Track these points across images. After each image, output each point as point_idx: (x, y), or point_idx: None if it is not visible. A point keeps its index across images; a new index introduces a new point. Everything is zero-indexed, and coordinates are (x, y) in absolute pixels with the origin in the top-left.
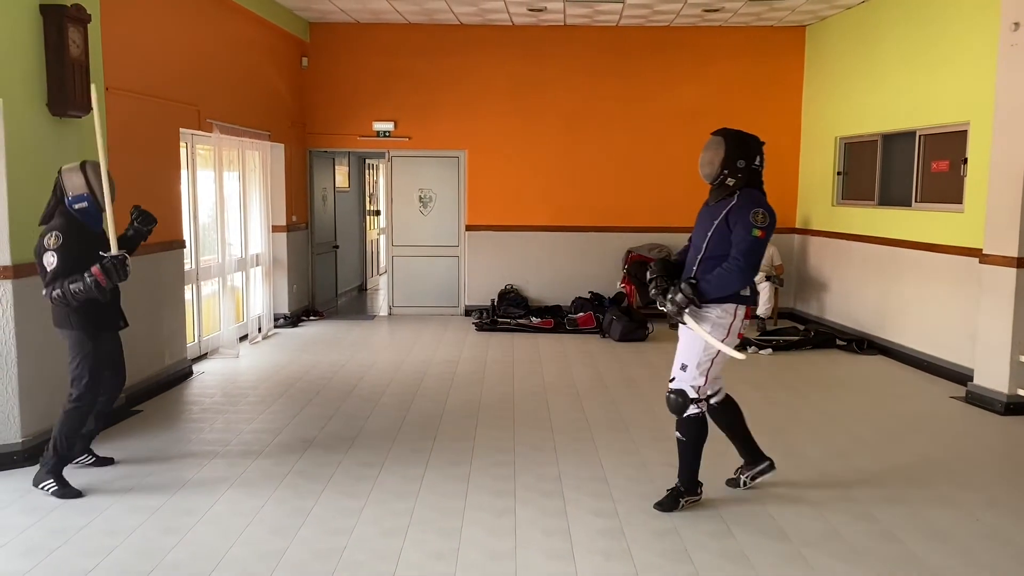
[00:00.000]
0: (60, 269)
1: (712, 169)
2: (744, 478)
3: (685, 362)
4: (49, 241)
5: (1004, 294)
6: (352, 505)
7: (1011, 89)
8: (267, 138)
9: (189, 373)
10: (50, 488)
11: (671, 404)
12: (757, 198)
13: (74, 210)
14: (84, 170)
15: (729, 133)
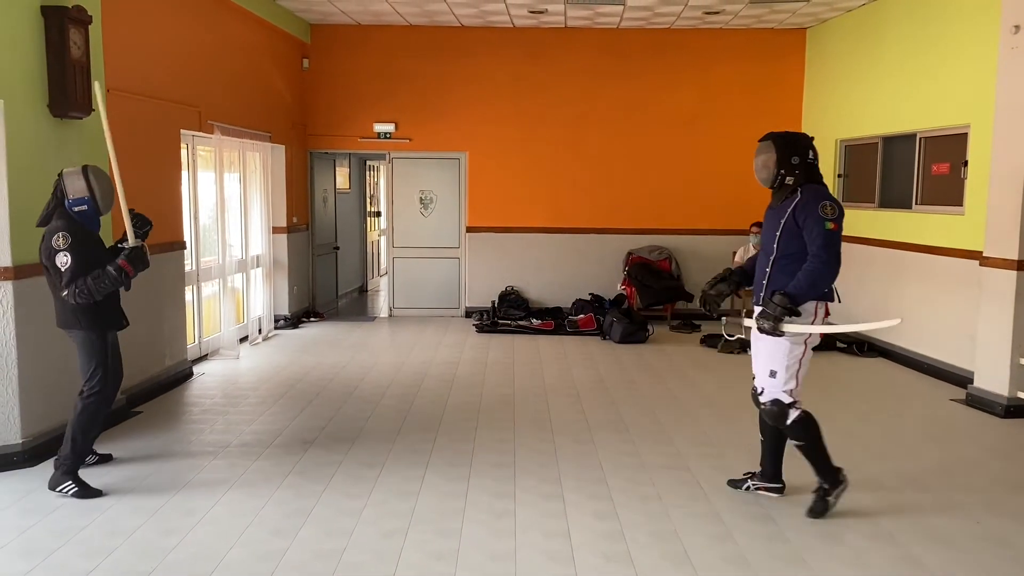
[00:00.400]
0: (77, 267)
1: (768, 173)
2: (751, 484)
3: (773, 368)
4: (58, 242)
5: (1004, 297)
6: (352, 506)
7: (1011, 92)
8: (268, 139)
9: (189, 374)
10: (69, 490)
11: (770, 415)
12: (820, 191)
13: (73, 212)
14: (86, 174)
15: (776, 135)
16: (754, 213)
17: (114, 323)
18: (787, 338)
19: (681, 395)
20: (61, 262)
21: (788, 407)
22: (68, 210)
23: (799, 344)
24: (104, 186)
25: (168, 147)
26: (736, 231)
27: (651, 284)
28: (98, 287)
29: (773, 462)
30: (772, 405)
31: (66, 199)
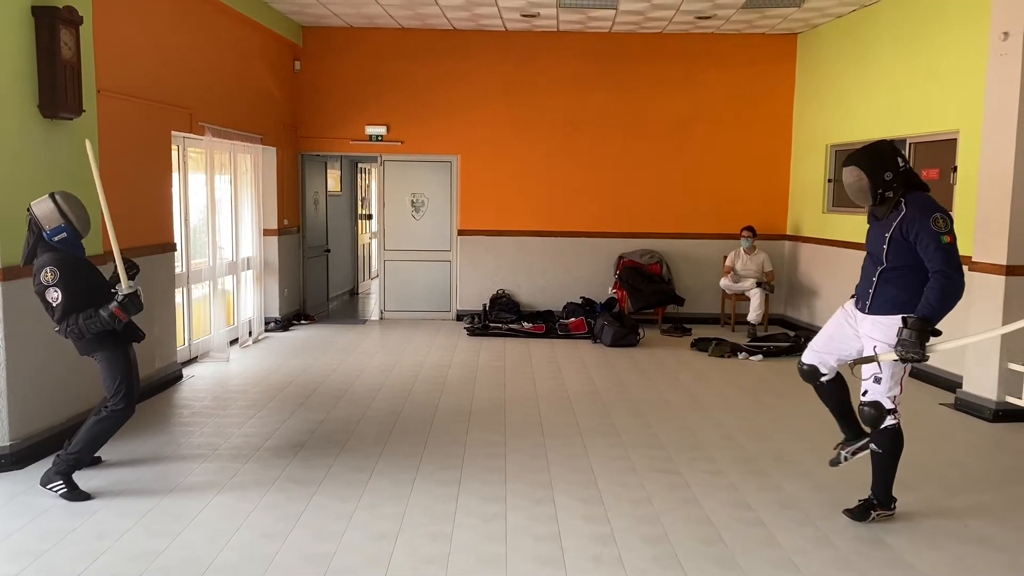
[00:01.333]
0: (67, 303)
1: (865, 195)
2: (844, 453)
3: (879, 375)
4: (47, 277)
5: (993, 302)
6: (343, 509)
7: (1000, 98)
8: (259, 141)
9: (179, 377)
10: (59, 489)
11: (866, 417)
12: (926, 202)
13: (54, 242)
14: (55, 200)
15: (860, 156)
16: (744, 217)
17: (132, 336)
18: (891, 346)
19: (671, 399)
20: (52, 298)
21: (888, 412)
22: (48, 241)
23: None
24: (76, 209)
25: (159, 148)
26: (727, 235)
27: (642, 288)
28: (89, 328)
29: (850, 422)
30: (872, 408)
31: (44, 231)
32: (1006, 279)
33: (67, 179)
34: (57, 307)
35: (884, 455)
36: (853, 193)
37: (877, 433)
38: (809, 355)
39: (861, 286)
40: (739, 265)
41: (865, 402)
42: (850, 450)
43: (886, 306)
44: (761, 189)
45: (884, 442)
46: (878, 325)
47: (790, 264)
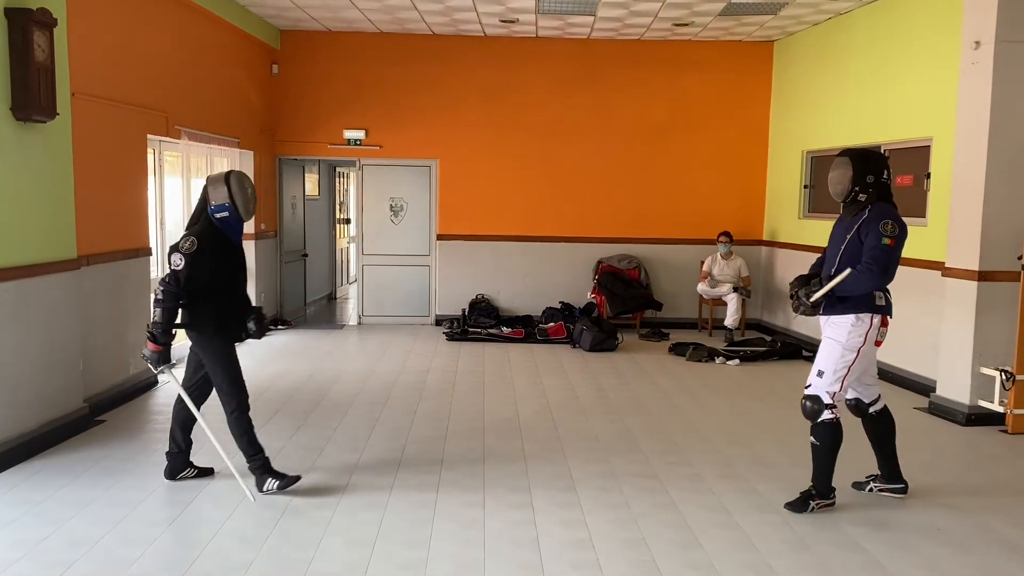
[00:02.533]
0: (184, 272)
1: (842, 188)
2: (873, 485)
3: (822, 368)
4: (184, 244)
5: (965, 307)
6: (320, 515)
7: (972, 106)
8: (236, 145)
9: (155, 382)
10: (276, 486)
11: (805, 410)
12: (888, 211)
13: (215, 219)
14: (228, 181)
15: (854, 153)
16: (721, 223)
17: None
18: (840, 344)
19: (650, 403)
20: (174, 261)
21: (824, 407)
22: (211, 216)
23: (852, 351)
24: (245, 193)
25: (134, 152)
26: (704, 241)
27: (620, 293)
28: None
29: (888, 464)
30: (810, 401)
31: (209, 205)
32: (978, 284)
33: (40, 182)
34: (173, 271)
35: (821, 448)
36: (834, 183)
37: (815, 426)
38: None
39: None
40: (716, 270)
41: (805, 395)
42: (880, 487)
43: (841, 306)
44: (738, 195)
45: (821, 435)
46: (832, 325)
47: (766, 269)
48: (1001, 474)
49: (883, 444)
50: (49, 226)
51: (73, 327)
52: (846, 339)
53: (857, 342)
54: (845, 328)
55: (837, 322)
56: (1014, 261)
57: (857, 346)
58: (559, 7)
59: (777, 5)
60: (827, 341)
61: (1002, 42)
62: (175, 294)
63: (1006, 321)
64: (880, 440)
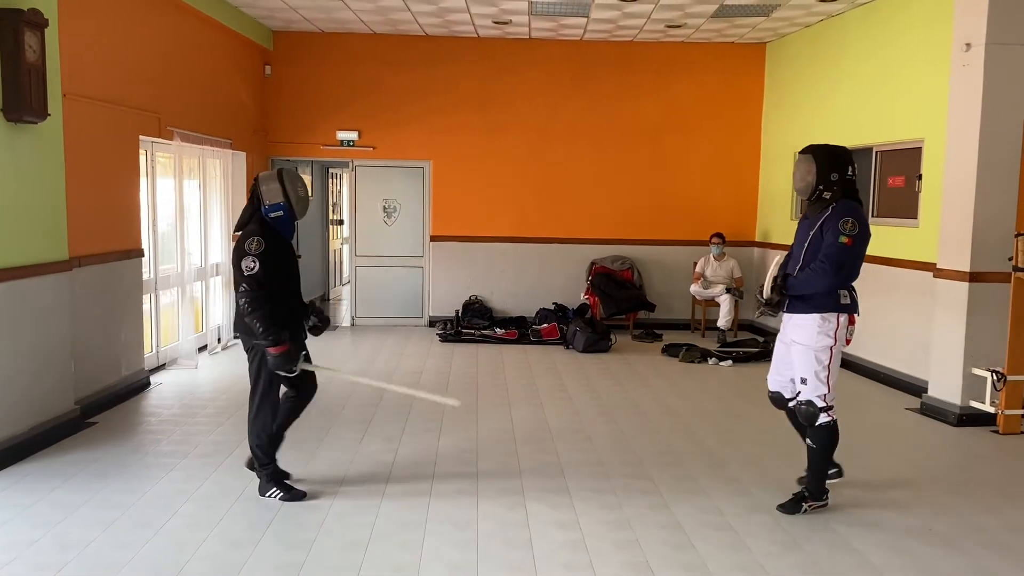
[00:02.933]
0: (262, 275)
1: (806, 185)
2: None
3: (804, 376)
4: (251, 246)
5: (957, 308)
6: (312, 518)
7: (963, 107)
8: (229, 146)
9: (146, 384)
10: (275, 495)
11: (803, 414)
12: (851, 208)
13: (269, 218)
14: (281, 179)
15: (817, 149)
16: (714, 224)
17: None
18: (811, 347)
19: (643, 404)
20: (247, 266)
21: (820, 410)
22: (264, 216)
23: (824, 352)
24: (300, 191)
25: (126, 153)
26: (697, 242)
27: (614, 294)
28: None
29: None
30: (807, 405)
31: (262, 205)
32: (969, 285)
33: (32, 183)
34: (250, 276)
35: (818, 451)
36: (798, 180)
37: (812, 430)
38: (771, 383)
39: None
40: (709, 271)
41: (800, 401)
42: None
43: (804, 305)
44: (730, 196)
45: (818, 438)
46: (797, 327)
47: (759, 270)
48: (993, 474)
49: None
50: (40, 227)
51: (64, 328)
52: (814, 341)
53: (827, 342)
54: (812, 330)
55: (801, 323)
56: (1005, 262)
57: (828, 345)
58: (552, 9)
59: (769, 7)
60: (798, 347)
61: (992, 44)
62: (262, 298)
63: (997, 322)
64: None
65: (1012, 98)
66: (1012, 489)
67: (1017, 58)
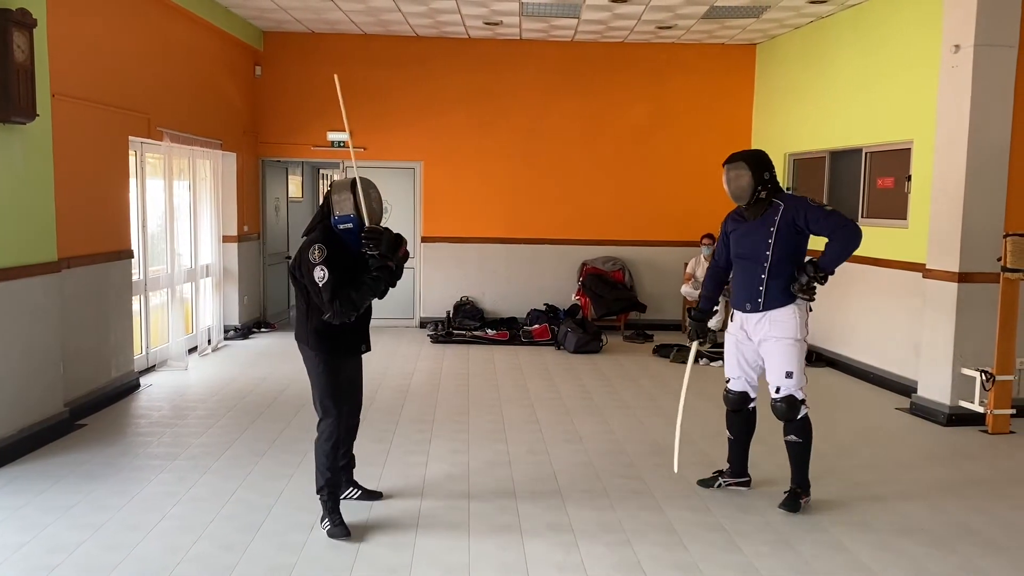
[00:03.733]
0: (335, 280)
1: (744, 192)
2: (722, 481)
3: (789, 369)
4: (314, 255)
5: (946, 308)
6: (304, 520)
7: (952, 109)
8: (219, 147)
9: (136, 386)
10: (324, 527)
11: (781, 411)
12: (796, 195)
13: (338, 230)
14: (354, 190)
15: (747, 155)
16: (705, 225)
17: (351, 349)
18: (797, 340)
19: (634, 404)
20: (319, 276)
21: (801, 403)
22: (333, 226)
23: (804, 344)
24: (371, 204)
25: (115, 154)
26: (688, 243)
27: (605, 295)
28: (360, 298)
29: (741, 459)
30: (785, 402)
31: (332, 216)
32: (958, 285)
33: (20, 184)
34: (324, 286)
35: (803, 443)
36: (734, 189)
37: (794, 424)
38: (735, 383)
39: (746, 289)
40: (700, 272)
41: (779, 398)
42: (728, 481)
43: (780, 298)
44: (721, 197)
45: (802, 432)
46: (775, 322)
47: None
48: (982, 474)
49: (747, 441)
50: (29, 228)
51: (53, 330)
52: (796, 332)
53: (805, 331)
54: (791, 322)
55: (779, 317)
56: (993, 262)
57: (805, 335)
58: (543, 10)
59: (759, 8)
60: (778, 342)
61: (981, 46)
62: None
63: (986, 322)
64: (746, 436)
65: (1000, 99)
66: (1002, 488)
67: (1005, 60)
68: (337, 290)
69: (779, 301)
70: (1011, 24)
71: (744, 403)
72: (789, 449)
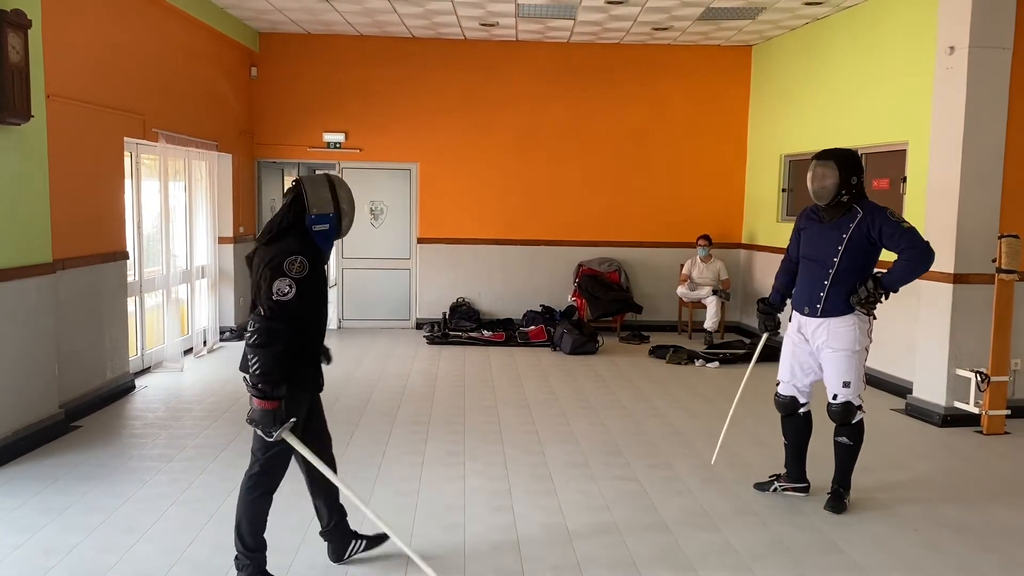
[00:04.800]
0: (294, 306)
1: (827, 192)
2: (778, 485)
3: (847, 380)
4: (292, 267)
5: (941, 309)
6: (298, 521)
7: (947, 110)
8: (214, 148)
9: (132, 387)
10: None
11: (837, 415)
12: (877, 204)
13: (314, 230)
14: (332, 186)
15: (839, 154)
16: (700, 226)
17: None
18: (856, 352)
19: (630, 406)
20: (280, 289)
21: (857, 408)
22: (308, 227)
23: (864, 353)
24: (349, 206)
25: (111, 155)
26: (684, 244)
27: (601, 296)
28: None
29: (798, 464)
30: (842, 407)
31: (308, 213)
32: (953, 287)
33: (15, 185)
34: (279, 301)
35: (854, 446)
36: (818, 187)
37: (849, 428)
38: (784, 387)
39: (807, 292)
40: (695, 273)
41: (836, 404)
42: (786, 487)
43: (841, 307)
44: (717, 198)
45: (854, 434)
46: (834, 333)
47: (745, 272)
48: (977, 474)
49: (803, 445)
50: (24, 230)
51: (48, 332)
52: (857, 343)
53: (867, 341)
54: (853, 332)
55: (839, 327)
56: (988, 264)
57: (867, 345)
58: (539, 11)
59: (755, 10)
60: (835, 352)
61: (975, 48)
62: (278, 331)
63: (981, 323)
64: (802, 441)
65: (995, 101)
66: (996, 489)
67: (1000, 61)
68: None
69: (839, 309)
70: (1005, 26)
71: (794, 408)
72: (838, 449)
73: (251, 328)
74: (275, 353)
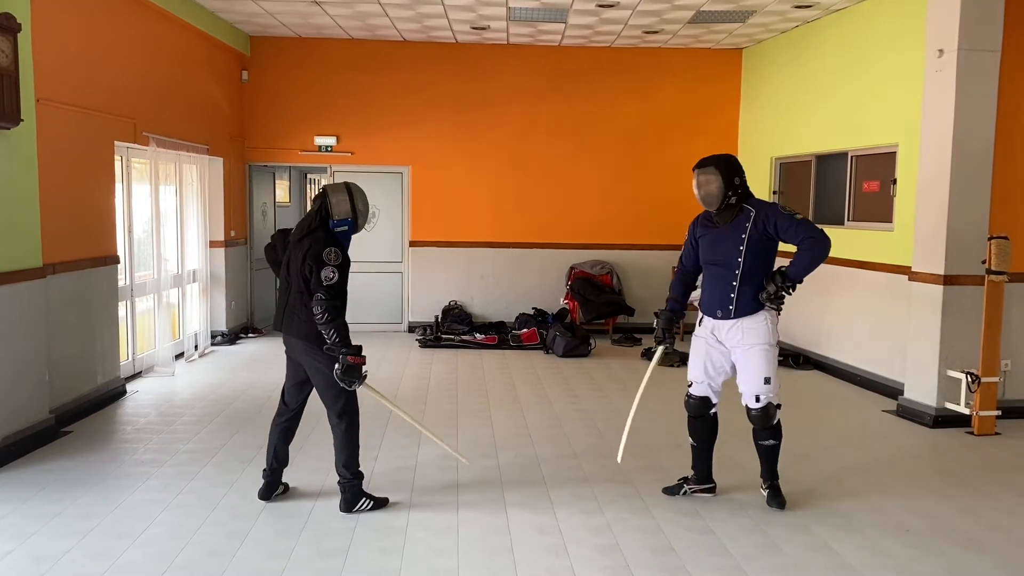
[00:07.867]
0: (339, 285)
1: (715, 198)
2: (687, 488)
3: (767, 375)
4: (329, 256)
5: (931, 310)
6: (291, 525)
7: (936, 112)
8: (205, 152)
9: (123, 392)
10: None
11: (760, 419)
12: (767, 202)
13: (336, 231)
14: (350, 193)
15: (717, 160)
16: None
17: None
18: (771, 345)
19: (622, 408)
20: (327, 276)
21: (775, 408)
22: (331, 229)
23: (776, 348)
24: (364, 208)
25: (101, 159)
26: (676, 246)
27: (593, 298)
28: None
29: (705, 465)
30: (763, 411)
31: (331, 218)
32: (943, 288)
33: (5, 189)
34: (330, 287)
35: (777, 444)
36: (704, 194)
37: (770, 430)
38: (697, 388)
39: (717, 296)
40: None
41: (757, 408)
42: (694, 488)
43: (751, 305)
44: None
45: (777, 434)
46: (748, 330)
47: None
48: (968, 475)
49: (711, 446)
50: (14, 234)
51: (39, 337)
52: (771, 337)
53: (777, 335)
54: (765, 327)
55: (752, 324)
56: (979, 265)
57: (778, 339)
58: (530, 14)
59: (745, 13)
60: (752, 348)
61: (964, 50)
62: (339, 307)
63: (971, 324)
64: (710, 439)
65: (984, 103)
66: (987, 489)
67: (989, 64)
68: (339, 294)
69: (751, 308)
70: (994, 29)
71: (705, 409)
72: (763, 451)
73: (318, 311)
74: (343, 322)
